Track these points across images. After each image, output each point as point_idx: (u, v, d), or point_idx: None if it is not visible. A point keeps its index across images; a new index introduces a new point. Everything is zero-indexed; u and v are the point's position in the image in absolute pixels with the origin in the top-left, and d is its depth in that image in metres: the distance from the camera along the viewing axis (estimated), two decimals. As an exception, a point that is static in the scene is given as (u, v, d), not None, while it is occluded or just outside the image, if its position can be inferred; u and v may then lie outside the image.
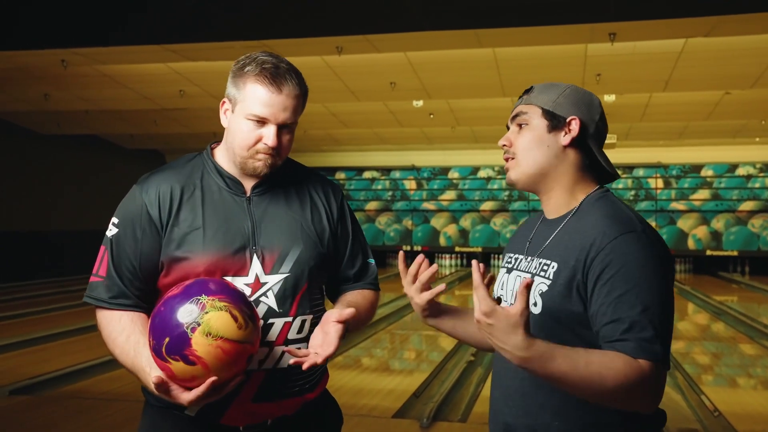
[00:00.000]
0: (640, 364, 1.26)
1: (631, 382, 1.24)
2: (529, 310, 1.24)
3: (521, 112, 1.51)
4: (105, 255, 1.60)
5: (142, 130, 13.38)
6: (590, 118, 1.48)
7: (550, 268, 1.41)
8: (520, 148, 1.49)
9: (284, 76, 1.55)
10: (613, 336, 1.29)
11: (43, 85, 9.16)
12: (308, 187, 1.71)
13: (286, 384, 1.60)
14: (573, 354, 1.25)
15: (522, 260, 1.52)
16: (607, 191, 1.49)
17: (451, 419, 4.42)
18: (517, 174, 1.50)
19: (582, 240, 1.37)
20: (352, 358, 6.31)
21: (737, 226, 15.33)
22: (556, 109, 1.47)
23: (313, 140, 14.46)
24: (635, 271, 1.31)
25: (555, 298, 1.37)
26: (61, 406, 4.67)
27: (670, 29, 6.27)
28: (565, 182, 1.48)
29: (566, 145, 1.47)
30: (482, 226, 16.59)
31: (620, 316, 1.29)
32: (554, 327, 1.37)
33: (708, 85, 8.73)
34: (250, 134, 1.56)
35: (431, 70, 8.23)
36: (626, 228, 1.36)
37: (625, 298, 1.29)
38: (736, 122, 11.87)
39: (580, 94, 1.50)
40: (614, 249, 1.33)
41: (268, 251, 1.59)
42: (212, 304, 1.39)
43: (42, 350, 6.54)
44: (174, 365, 1.37)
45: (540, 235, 1.51)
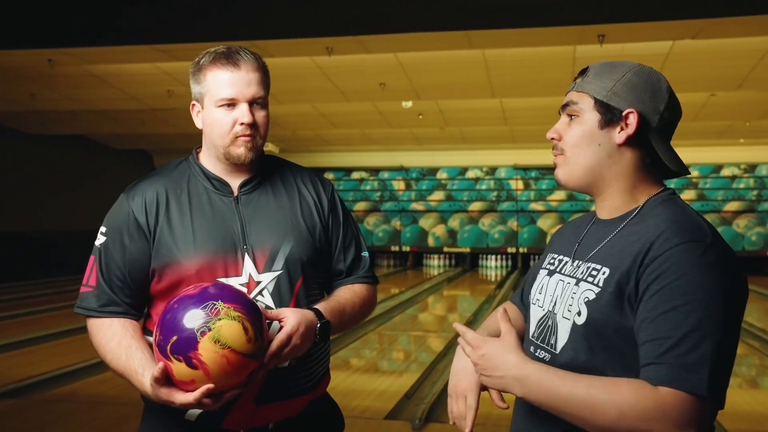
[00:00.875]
0: (661, 393, 1.09)
1: (639, 412, 1.09)
2: (514, 330, 1.20)
3: (572, 101, 1.31)
4: (94, 265, 1.60)
5: (130, 130, 13.31)
6: (653, 109, 1.26)
7: (599, 274, 1.23)
8: (569, 144, 1.30)
9: (237, 53, 1.57)
10: (650, 357, 1.12)
11: (30, 84, 9.08)
12: (296, 182, 1.70)
13: (289, 384, 1.59)
14: (574, 375, 1.16)
15: (567, 263, 1.34)
16: (674, 193, 1.29)
17: (443, 420, 4.43)
18: (565, 174, 1.32)
19: (639, 244, 1.19)
20: (341, 359, 6.31)
21: (722, 227, 15.47)
22: (611, 100, 1.26)
23: (302, 140, 14.44)
24: (690, 286, 1.12)
25: (603, 307, 1.19)
26: (50, 409, 4.64)
27: (658, 31, 6.32)
28: (621, 184, 1.29)
29: (621, 144, 1.27)
30: (471, 226, 16.63)
31: (662, 334, 1.11)
32: (597, 341, 1.20)
33: (694, 86, 8.80)
34: (225, 120, 1.56)
35: (421, 70, 8.24)
36: (691, 236, 1.16)
37: (672, 315, 1.11)
38: (722, 123, 11.97)
39: (644, 78, 1.27)
40: (671, 257, 1.14)
41: (259, 249, 1.58)
42: (227, 312, 1.36)
43: (30, 353, 6.48)
44: (175, 365, 1.36)
45: (592, 238, 1.32)
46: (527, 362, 1.18)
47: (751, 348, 7.08)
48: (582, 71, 1.33)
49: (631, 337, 1.18)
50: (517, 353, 1.19)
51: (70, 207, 14.02)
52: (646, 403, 1.09)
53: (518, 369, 1.17)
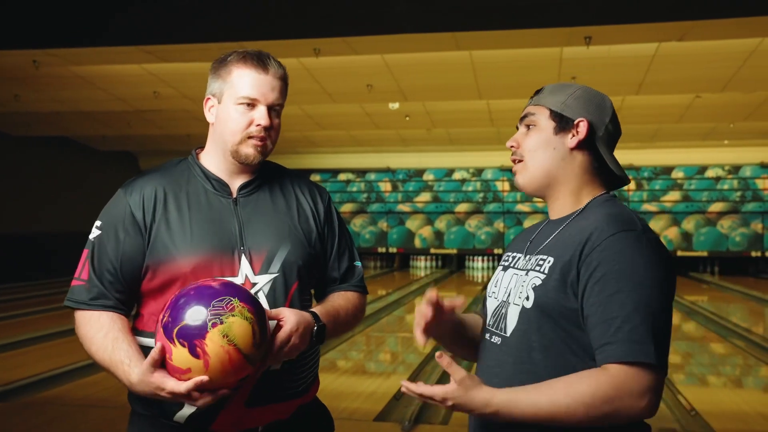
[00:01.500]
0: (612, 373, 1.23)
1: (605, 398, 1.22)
2: (464, 372, 1.28)
3: (529, 113, 1.49)
4: (87, 258, 1.59)
5: (115, 132, 13.21)
6: (600, 120, 1.45)
7: (545, 263, 1.38)
8: (527, 149, 1.46)
9: (268, 58, 1.61)
10: (603, 339, 1.26)
11: (14, 85, 9.00)
12: (294, 189, 1.71)
13: (280, 387, 1.59)
14: (536, 393, 1.26)
15: (520, 259, 1.50)
16: (613, 196, 1.46)
17: (432, 422, 4.44)
18: (524, 178, 1.47)
19: (580, 235, 1.35)
20: (328, 361, 6.30)
21: (707, 227, 15.61)
22: (564, 111, 1.44)
23: (288, 142, 14.41)
24: (628, 270, 1.28)
25: (548, 292, 1.34)
26: (38, 412, 4.59)
27: (644, 33, 6.37)
28: (571, 185, 1.45)
29: (573, 148, 1.44)
30: (457, 227, 16.67)
31: (609, 316, 1.26)
32: (545, 322, 1.34)
33: (680, 88, 8.88)
34: (242, 118, 1.58)
35: (408, 72, 8.26)
36: (624, 227, 1.33)
37: (616, 298, 1.26)
38: (706, 125, 12.08)
39: (591, 95, 1.47)
40: (609, 246, 1.30)
41: (256, 252, 1.58)
42: (241, 310, 1.38)
43: (17, 355, 6.42)
44: (176, 349, 1.36)
45: (542, 235, 1.49)
46: (493, 397, 1.27)
47: (736, 348, 7.15)
48: (538, 91, 1.52)
49: (573, 317, 1.32)
50: (478, 392, 1.27)
51: (54, 209, 13.90)
52: (603, 387, 1.22)
53: (487, 407, 1.26)
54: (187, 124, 11.55)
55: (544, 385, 1.27)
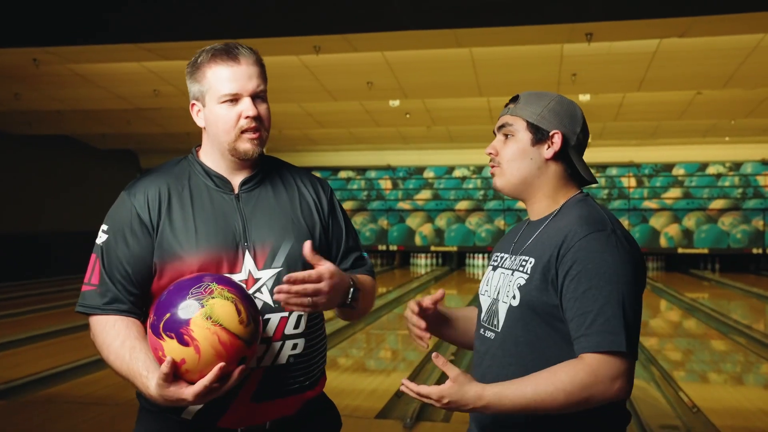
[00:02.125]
0: (588, 362, 1.36)
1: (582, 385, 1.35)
2: (458, 370, 1.40)
3: (507, 123, 1.58)
4: (96, 263, 1.59)
5: (116, 130, 13.20)
6: (572, 131, 1.56)
7: (528, 264, 1.50)
8: (506, 158, 1.57)
9: (236, 48, 1.58)
10: (579, 331, 1.39)
11: (14, 84, 8.99)
12: (296, 182, 1.71)
13: (286, 381, 1.59)
14: (522, 384, 1.38)
15: (507, 259, 1.61)
16: (586, 195, 1.58)
17: (434, 419, 4.43)
18: (502, 182, 1.59)
19: (556, 237, 1.47)
20: (329, 359, 6.26)
21: (708, 224, 15.59)
22: (540, 123, 1.55)
23: (288, 140, 14.39)
24: (599, 267, 1.40)
25: (532, 291, 1.46)
26: (38, 411, 4.59)
27: (645, 29, 6.35)
28: (547, 190, 1.57)
29: (549, 158, 1.55)
30: (457, 225, 16.66)
31: (584, 310, 1.39)
32: (531, 318, 1.46)
33: (681, 85, 8.86)
34: (229, 115, 1.57)
35: (408, 69, 8.24)
36: (596, 227, 1.45)
37: (590, 293, 1.39)
38: (707, 122, 12.07)
39: (564, 106, 1.58)
40: (582, 247, 1.42)
41: (260, 246, 1.58)
42: (221, 292, 1.39)
43: (18, 353, 6.41)
44: (167, 343, 1.36)
45: (524, 236, 1.60)
46: (484, 391, 1.38)
47: (737, 345, 7.14)
48: (513, 98, 1.61)
49: (555, 312, 1.45)
50: (470, 387, 1.38)
51: (55, 208, 13.89)
52: (580, 375, 1.35)
53: (479, 401, 1.37)
54: (187, 122, 11.53)
55: (529, 377, 1.39)
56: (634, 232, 15.67)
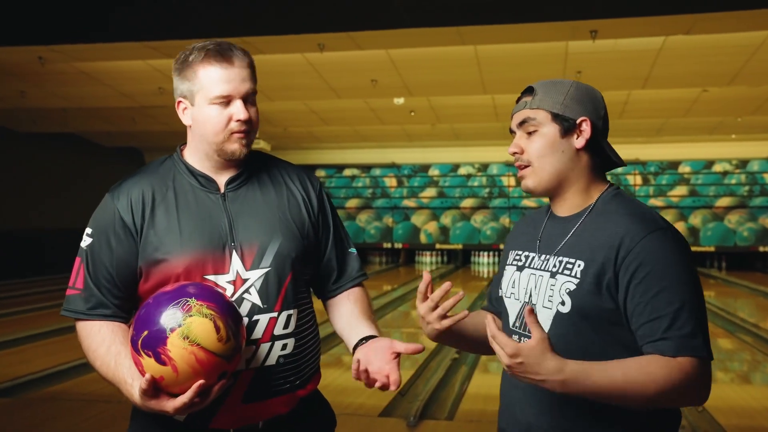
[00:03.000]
0: (680, 362, 1.28)
1: (675, 383, 1.27)
2: (547, 334, 1.28)
3: (528, 118, 1.47)
4: (81, 266, 1.57)
5: (121, 128, 13.24)
6: (597, 116, 1.47)
7: (575, 267, 1.40)
8: (535, 155, 1.46)
9: (229, 49, 1.55)
10: (654, 335, 1.31)
11: (20, 82, 9.02)
12: (284, 179, 1.68)
13: (277, 381, 1.57)
14: (608, 367, 1.29)
15: (535, 258, 1.50)
16: (618, 189, 1.50)
17: (437, 417, 4.43)
18: (534, 182, 1.48)
19: (609, 238, 1.37)
20: (334, 357, 6.29)
21: (714, 222, 15.53)
22: (565, 112, 1.45)
23: (293, 138, 14.40)
24: (668, 268, 1.33)
25: (585, 296, 1.37)
26: (43, 408, 4.60)
27: (650, 27, 6.32)
28: (581, 184, 1.47)
29: (580, 148, 1.46)
30: (462, 223, 16.63)
31: (659, 314, 1.31)
32: (583, 325, 1.38)
33: (686, 82, 8.82)
34: (220, 117, 1.54)
35: (413, 67, 8.23)
36: (653, 226, 1.37)
37: (662, 296, 1.31)
38: (713, 119, 12.02)
39: (584, 91, 1.48)
40: (645, 248, 1.34)
41: (247, 246, 1.56)
42: (199, 309, 1.35)
43: (21, 351, 6.44)
44: (145, 360, 1.35)
45: (552, 233, 1.49)
46: (565, 364, 1.27)
47: (744, 343, 7.11)
48: (527, 91, 1.51)
49: (611, 316, 1.37)
50: (553, 357, 1.26)
51: (59, 205, 13.93)
52: (675, 373, 1.27)
53: (558, 373, 1.26)
54: (192, 120, 11.54)
55: (611, 363, 1.30)
56: (639, 230, 15.63)
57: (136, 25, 6.45)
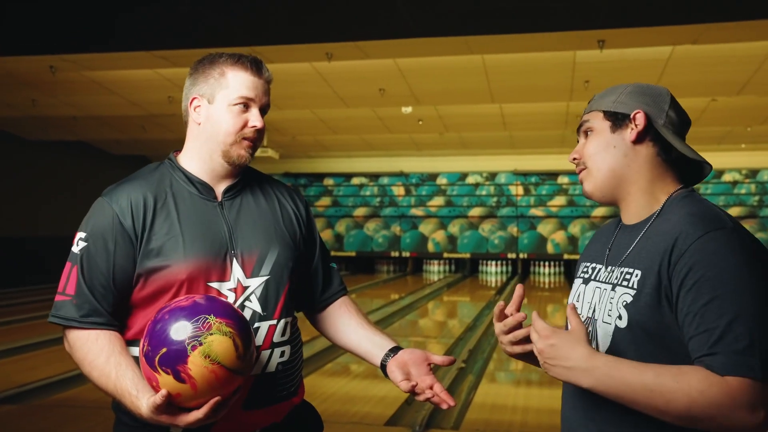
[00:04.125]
0: (727, 381, 1.14)
1: (713, 402, 1.14)
2: (584, 326, 1.24)
3: (585, 122, 1.43)
4: (73, 271, 1.52)
5: (130, 136, 13.32)
6: (658, 108, 1.37)
7: (633, 277, 1.29)
8: (588, 155, 1.40)
9: (260, 62, 1.62)
10: (701, 350, 1.17)
11: (31, 90, 9.10)
12: (275, 193, 1.72)
13: (275, 388, 1.59)
14: (642, 366, 1.19)
15: (601, 270, 1.41)
16: (692, 190, 1.37)
17: (443, 426, 4.41)
18: (591, 184, 1.40)
19: (664, 242, 1.25)
20: (340, 366, 6.29)
21: (723, 232, 15.46)
22: (617, 108, 1.38)
23: (301, 146, 14.44)
24: (724, 273, 1.18)
25: (642, 309, 1.25)
26: (51, 414, 4.63)
27: (658, 36, 6.33)
28: (641, 182, 1.36)
29: (634, 141, 1.36)
30: (470, 232, 16.62)
31: (708, 326, 1.17)
32: (644, 341, 1.26)
33: (695, 92, 8.81)
34: (237, 119, 1.57)
35: (420, 76, 8.26)
36: (712, 225, 1.23)
37: (714, 306, 1.17)
38: (722, 129, 11.98)
39: (644, 87, 1.40)
40: (698, 249, 1.20)
41: (247, 254, 1.57)
42: (219, 326, 1.35)
43: (30, 358, 6.47)
44: (162, 377, 1.33)
45: (620, 243, 1.40)
46: (596, 354, 1.21)
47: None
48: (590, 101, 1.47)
49: (673, 331, 1.23)
50: (586, 346, 1.21)
51: (68, 213, 14.00)
52: (715, 390, 1.13)
53: (588, 361, 1.20)
54: (201, 128, 11.60)
55: (648, 364, 1.20)
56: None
57: (146, 35, 6.51)
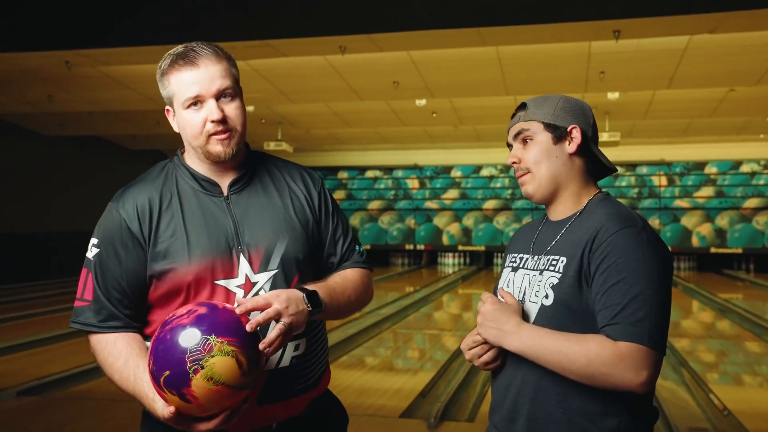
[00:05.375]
0: (618, 345, 1.37)
1: (602, 360, 1.37)
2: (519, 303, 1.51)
3: (523, 129, 1.59)
4: (89, 277, 1.56)
5: (145, 131, 13.40)
6: (587, 124, 1.59)
7: (559, 263, 1.51)
8: (532, 162, 1.58)
9: (194, 50, 1.53)
10: (605, 321, 1.40)
11: (47, 86, 9.17)
12: (286, 179, 1.67)
13: (291, 382, 1.57)
14: (558, 335, 1.43)
15: (528, 259, 1.61)
16: (608, 194, 1.61)
17: (458, 419, 4.41)
18: (533, 187, 1.59)
19: (586, 234, 1.48)
20: (356, 358, 6.31)
21: (742, 224, 15.31)
22: (556, 121, 1.57)
23: (315, 139, 14.45)
24: (630, 262, 1.41)
25: (566, 289, 1.47)
26: (69, 406, 4.67)
27: (674, 26, 6.25)
28: (573, 188, 1.58)
29: (572, 153, 1.57)
30: (485, 224, 16.58)
31: (612, 302, 1.40)
32: (565, 317, 1.46)
33: (712, 81, 8.71)
34: (195, 119, 1.53)
35: (434, 68, 8.22)
36: (626, 223, 1.46)
37: (618, 286, 1.40)
38: (741, 119, 11.85)
39: (572, 103, 1.60)
40: (613, 241, 1.43)
41: (254, 249, 1.55)
42: (220, 347, 1.33)
43: (49, 351, 6.55)
44: (169, 397, 1.34)
45: (545, 236, 1.61)
46: (524, 323, 1.48)
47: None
48: (520, 107, 1.64)
49: (589, 307, 1.46)
50: (518, 317, 1.49)
51: (84, 207, 14.11)
52: (607, 352, 1.37)
53: (518, 327, 1.46)
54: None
55: (563, 333, 1.43)
56: (665, 231, 15.45)
57: (159, 29, 6.52)
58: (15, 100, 10.13)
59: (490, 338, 1.49)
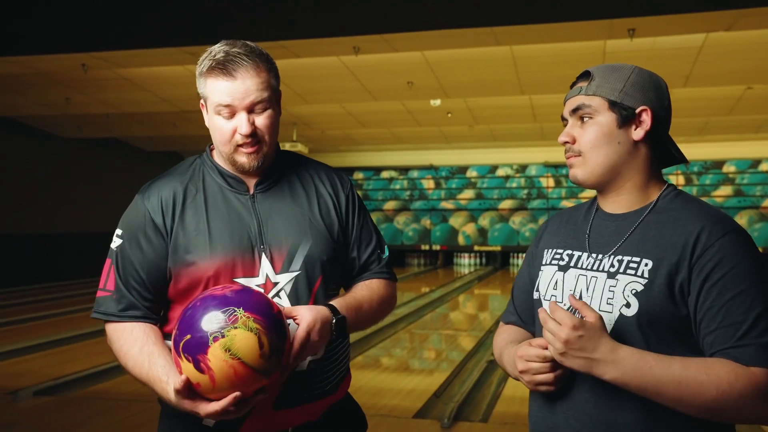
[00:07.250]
0: (753, 372, 1.16)
1: (740, 392, 1.15)
2: (598, 314, 1.22)
3: (583, 104, 1.35)
4: (111, 268, 1.56)
5: (161, 132, 13.49)
6: (660, 106, 1.34)
7: (641, 266, 1.27)
8: (588, 145, 1.34)
9: (234, 61, 1.48)
10: (726, 342, 1.19)
11: (65, 89, 9.26)
12: (314, 180, 1.64)
13: (308, 387, 1.54)
14: (666, 357, 1.19)
15: (582, 257, 1.36)
16: (680, 189, 1.39)
17: (472, 419, 4.41)
18: (585, 173, 1.35)
19: (682, 236, 1.25)
20: (371, 358, 6.31)
21: (761, 223, 15.15)
22: (624, 100, 1.32)
23: (330, 140, 14.49)
24: (748, 272, 1.21)
25: (655, 298, 1.24)
26: (85, 406, 4.72)
27: (690, 24, 6.20)
28: (637, 179, 1.35)
29: (639, 140, 1.33)
30: (501, 224, 16.53)
31: (734, 320, 1.19)
32: (651, 330, 1.25)
33: (730, 80, 8.63)
34: (225, 128, 1.50)
35: (448, 68, 8.21)
36: (731, 227, 1.25)
37: (739, 300, 1.19)
38: (759, 117, 11.72)
39: (646, 77, 1.35)
40: (723, 247, 1.22)
41: (277, 249, 1.53)
42: (245, 321, 1.30)
43: (65, 351, 6.61)
44: (184, 364, 1.32)
45: (602, 231, 1.37)
46: (620, 346, 1.20)
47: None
48: (584, 75, 1.38)
49: (683, 324, 1.24)
50: (609, 337, 1.21)
51: (102, 209, 14.24)
52: (743, 382, 1.15)
53: (613, 352, 1.19)
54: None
55: (673, 357, 1.20)
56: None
57: (174, 31, 6.57)
58: (33, 103, 10.25)
59: (578, 368, 1.22)
